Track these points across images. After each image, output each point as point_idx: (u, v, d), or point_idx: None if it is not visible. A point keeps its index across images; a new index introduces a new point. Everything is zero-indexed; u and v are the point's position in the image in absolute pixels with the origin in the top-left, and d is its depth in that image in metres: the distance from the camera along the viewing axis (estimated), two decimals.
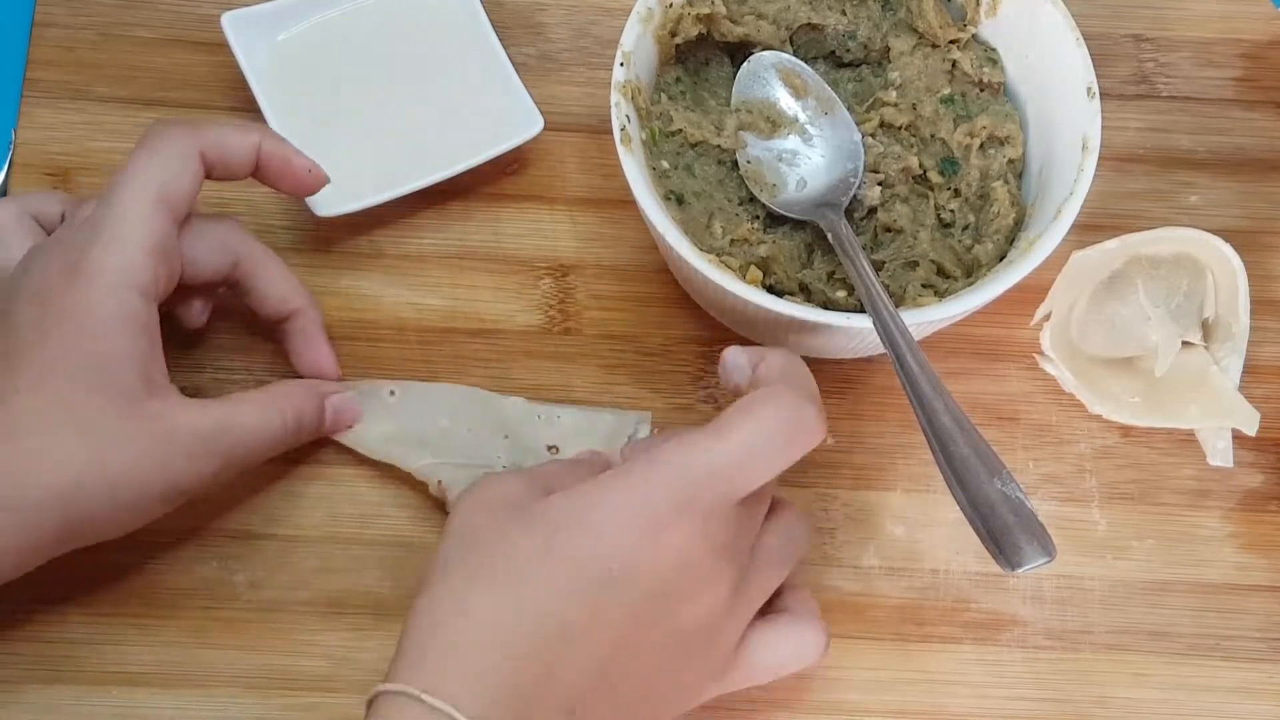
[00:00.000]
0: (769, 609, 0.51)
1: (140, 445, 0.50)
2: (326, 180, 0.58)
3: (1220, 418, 0.61)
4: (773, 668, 0.51)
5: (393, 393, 0.59)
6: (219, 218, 0.57)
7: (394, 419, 0.58)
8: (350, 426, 0.58)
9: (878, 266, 0.59)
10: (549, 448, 0.58)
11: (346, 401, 0.58)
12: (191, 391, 0.60)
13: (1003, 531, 0.46)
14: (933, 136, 0.61)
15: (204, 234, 0.55)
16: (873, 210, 0.60)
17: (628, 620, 0.45)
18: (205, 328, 0.60)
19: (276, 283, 0.57)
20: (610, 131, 0.56)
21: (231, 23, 0.63)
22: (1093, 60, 0.58)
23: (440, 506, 0.58)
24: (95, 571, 0.57)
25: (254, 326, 0.61)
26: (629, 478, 0.46)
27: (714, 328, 0.62)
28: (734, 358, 0.51)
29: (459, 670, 0.44)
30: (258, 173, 0.56)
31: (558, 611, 0.45)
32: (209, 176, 0.54)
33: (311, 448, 0.59)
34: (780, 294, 0.56)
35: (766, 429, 0.47)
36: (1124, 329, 0.61)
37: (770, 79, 0.62)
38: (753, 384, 0.50)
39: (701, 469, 0.46)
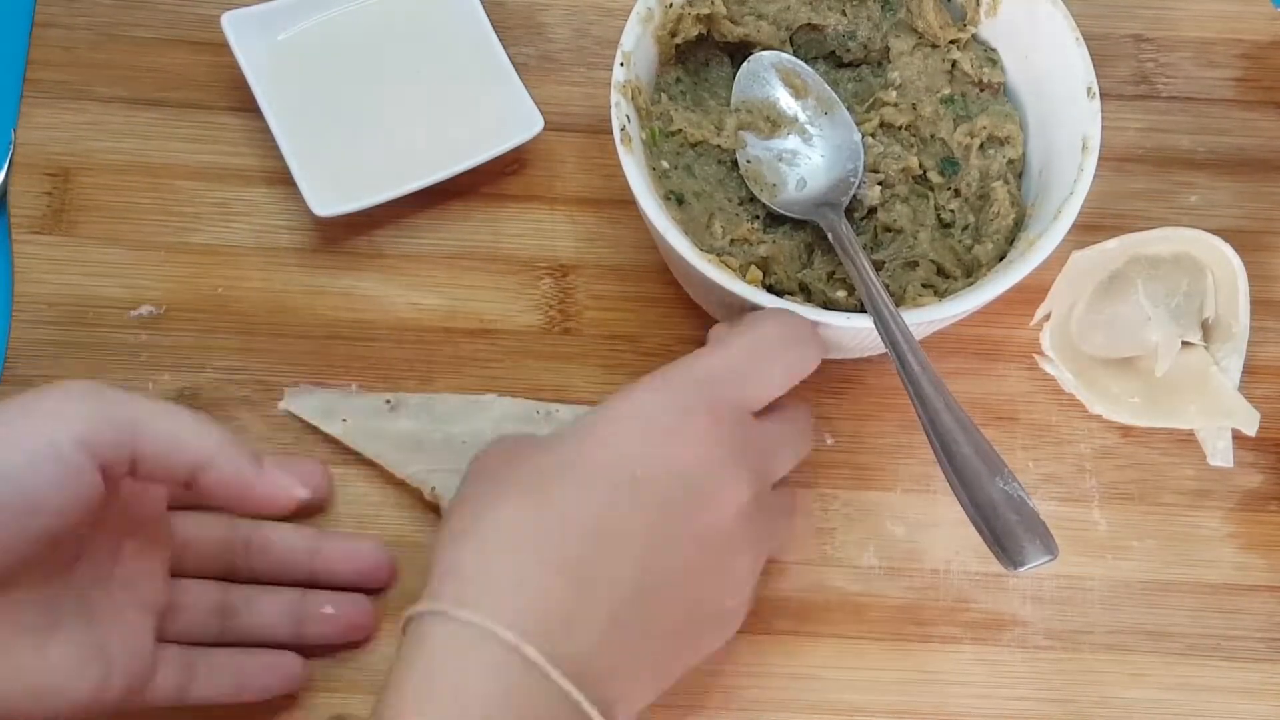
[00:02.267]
0: None
1: (32, 400, 0.43)
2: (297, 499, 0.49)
3: (1220, 418, 0.61)
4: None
5: (388, 401, 0.59)
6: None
7: (390, 426, 0.58)
8: (294, 498, 0.49)
9: (878, 266, 0.59)
10: None
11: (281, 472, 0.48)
12: (191, 391, 0.60)
13: (1005, 531, 0.46)
14: (933, 136, 0.61)
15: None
16: (873, 210, 0.60)
17: (655, 525, 0.46)
18: (205, 328, 0.61)
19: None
20: (610, 131, 0.56)
21: (231, 22, 0.63)
22: (1093, 60, 0.58)
23: (435, 510, 0.58)
24: None
25: (254, 327, 0.61)
26: (639, 389, 0.48)
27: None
28: (718, 327, 0.53)
29: (492, 584, 0.43)
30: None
31: (587, 518, 0.45)
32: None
33: (311, 447, 0.59)
34: (780, 294, 0.56)
35: (765, 335, 0.50)
36: (1124, 329, 0.61)
37: (770, 79, 0.62)
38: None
39: (705, 372, 0.49)
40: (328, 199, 0.61)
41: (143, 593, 0.49)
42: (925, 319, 0.54)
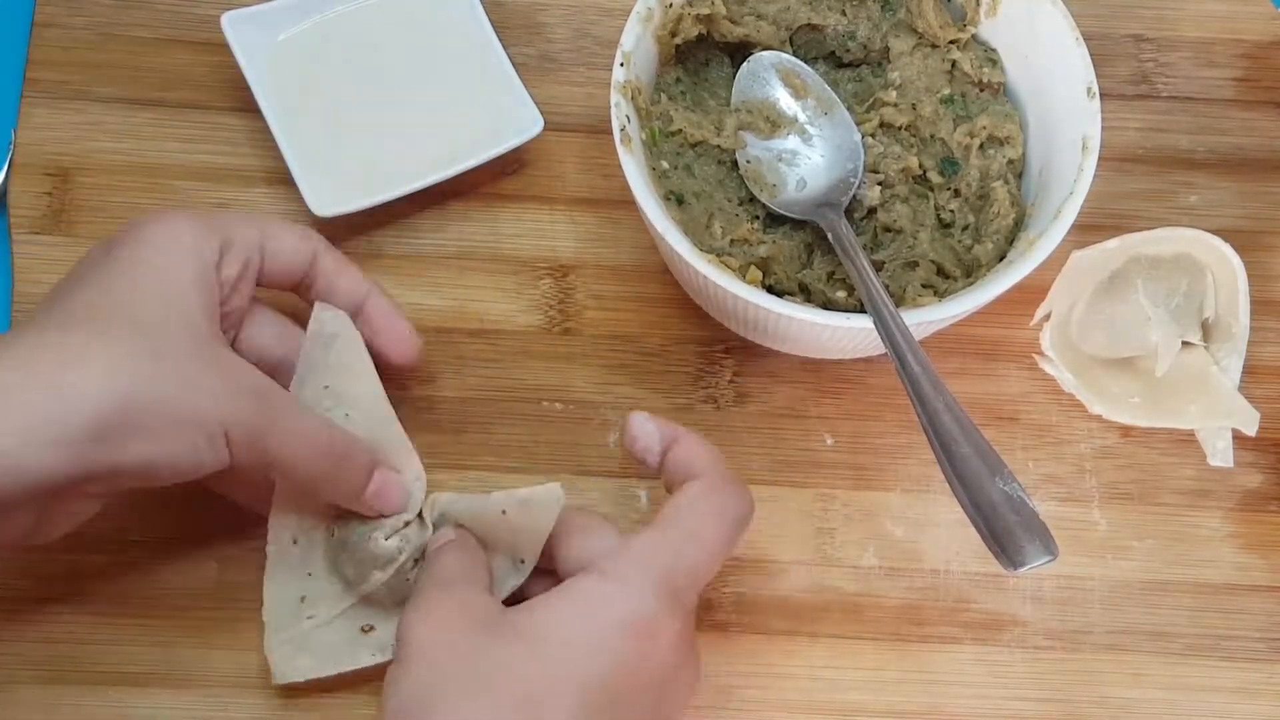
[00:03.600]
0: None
1: (197, 367, 0.47)
2: (416, 348, 0.57)
3: (1220, 418, 0.61)
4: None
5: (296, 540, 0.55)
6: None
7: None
8: (394, 510, 0.53)
9: (878, 266, 0.59)
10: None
11: (394, 481, 0.53)
12: None
13: (1005, 531, 0.46)
14: (933, 137, 0.61)
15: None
16: (873, 210, 0.60)
17: (632, 709, 0.47)
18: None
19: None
20: (610, 131, 0.56)
21: (231, 23, 0.63)
22: (1093, 60, 0.58)
23: None
24: (95, 571, 0.57)
25: None
26: (619, 584, 0.47)
27: (714, 328, 0.62)
28: (642, 430, 0.52)
29: None
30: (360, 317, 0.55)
31: None
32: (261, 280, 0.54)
33: None
34: (780, 294, 0.56)
35: (727, 530, 0.50)
36: (1124, 329, 0.61)
37: (770, 79, 0.62)
38: (669, 467, 0.52)
39: (684, 572, 0.48)
40: (327, 199, 0.61)
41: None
42: (925, 319, 0.54)
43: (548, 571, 0.52)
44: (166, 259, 0.49)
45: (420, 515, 0.53)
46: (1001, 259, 0.58)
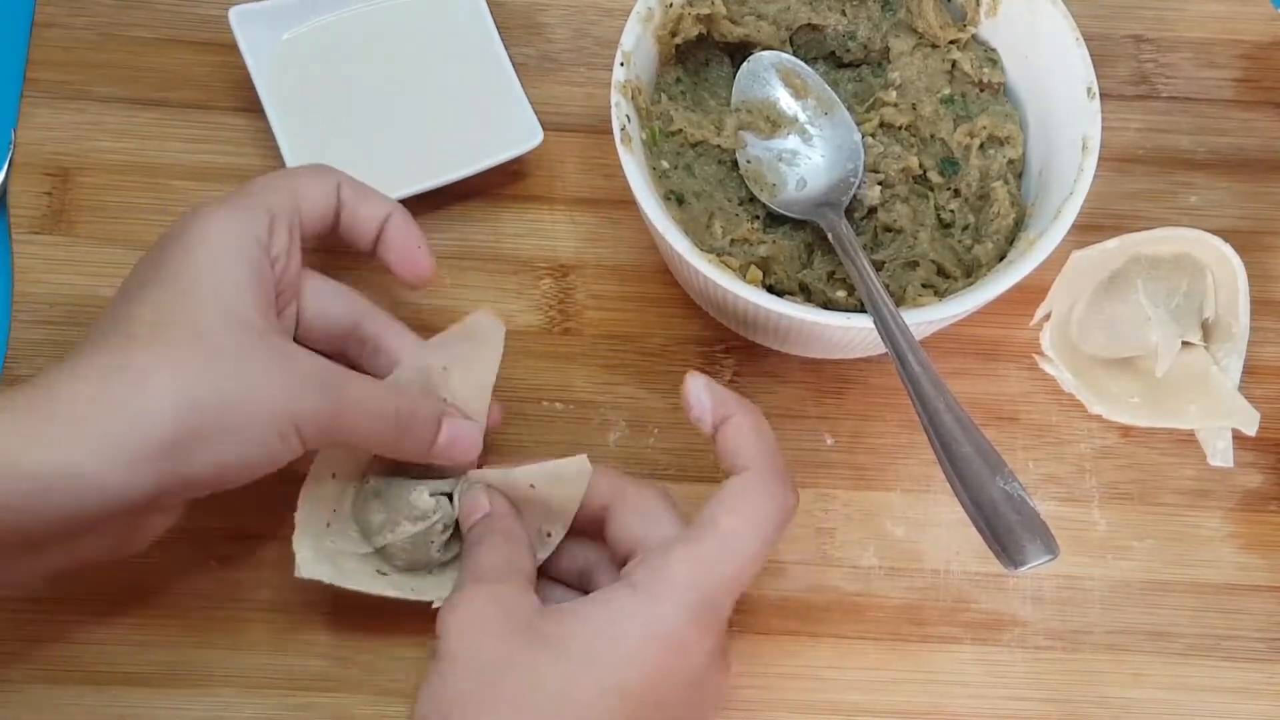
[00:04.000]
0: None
1: (259, 366, 0.47)
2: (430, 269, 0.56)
3: (1220, 418, 0.61)
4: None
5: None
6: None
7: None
8: (467, 460, 0.54)
9: (878, 266, 0.59)
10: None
11: (464, 430, 0.54)
12: None
13: (1005, 530, 0.46)
14: (933, 136, 0.61)
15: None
16: (873, 210, 0.60)
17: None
18: None
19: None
20: (610, 131, 0.56)
21: (238, 18, 0.63)
22: (1093, 60, 0.58)
23: None
24: (95, 571, 0.57)
25: None
26: (651, 602, 0.46)
27: (714, 328, 0.62)
28: (696, 399, 0.51)
29: None
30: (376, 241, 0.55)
31: None
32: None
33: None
34: (780, 294, 0.56)
35: (767, 533, 0.48)
36: (1124, 329, 0.61)
37: (770, 79, 0.62)
38: (718, 446, 0.50)
39: (718, 586, 0.47)
40: None
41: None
42: (925, 319, 0.54)
43: (593, 538, 0.53)
44: (216, 258, 0.49)
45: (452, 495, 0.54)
46: (1001, 259, 0.58)
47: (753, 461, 0.49)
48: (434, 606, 0.51)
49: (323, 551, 0.53)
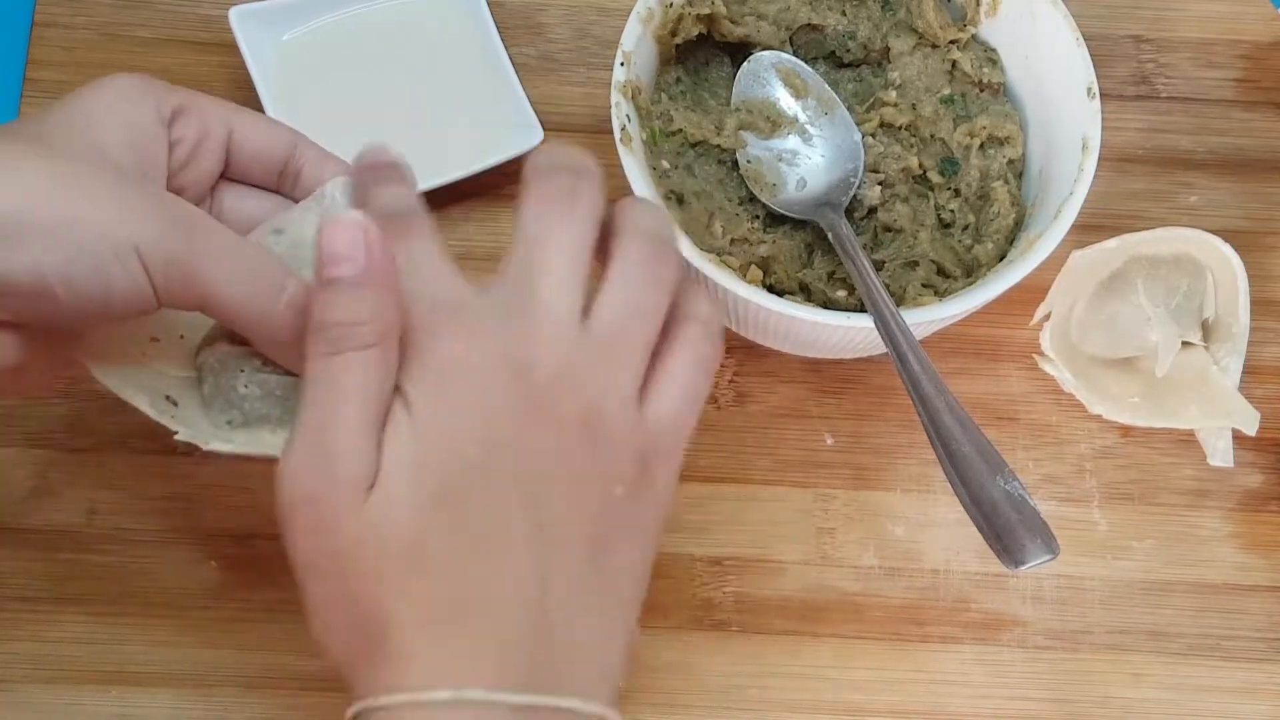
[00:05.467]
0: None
1: (110, 185, 0.41)
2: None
3: (1220, 418, 0.61)
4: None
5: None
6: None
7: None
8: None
9: (878, 266, 0.59)
10: None
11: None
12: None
13: (1006, 529, 0.46)
14: (933, 136, 0.61)
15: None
16: (873, 210, 0.60)
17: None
18: None
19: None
20: (610, 131, 0.56)
21: (239, 18, 0.63)
22: (1093, 60, 0.58)
23: None
24: (95, 571, 0.57)
25: None
26: (495, 330, 0.39)
27: None
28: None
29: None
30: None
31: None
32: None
33: None
34: (780, 294, 0.56)
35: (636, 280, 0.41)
36: (1124, 329, 0.61)
37: (770, 79, 0.62)
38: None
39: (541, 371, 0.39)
40: None
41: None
42: (925, 319, 0.54)
43: None
44: (100, 99, 0.44)
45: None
46: (1001, 259, 0.58)
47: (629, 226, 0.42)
48: (198, 446, 0.44)
49: (123, 352, 0.46)
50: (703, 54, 0.63)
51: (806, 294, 0.58)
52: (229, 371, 0.45)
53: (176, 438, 0.44)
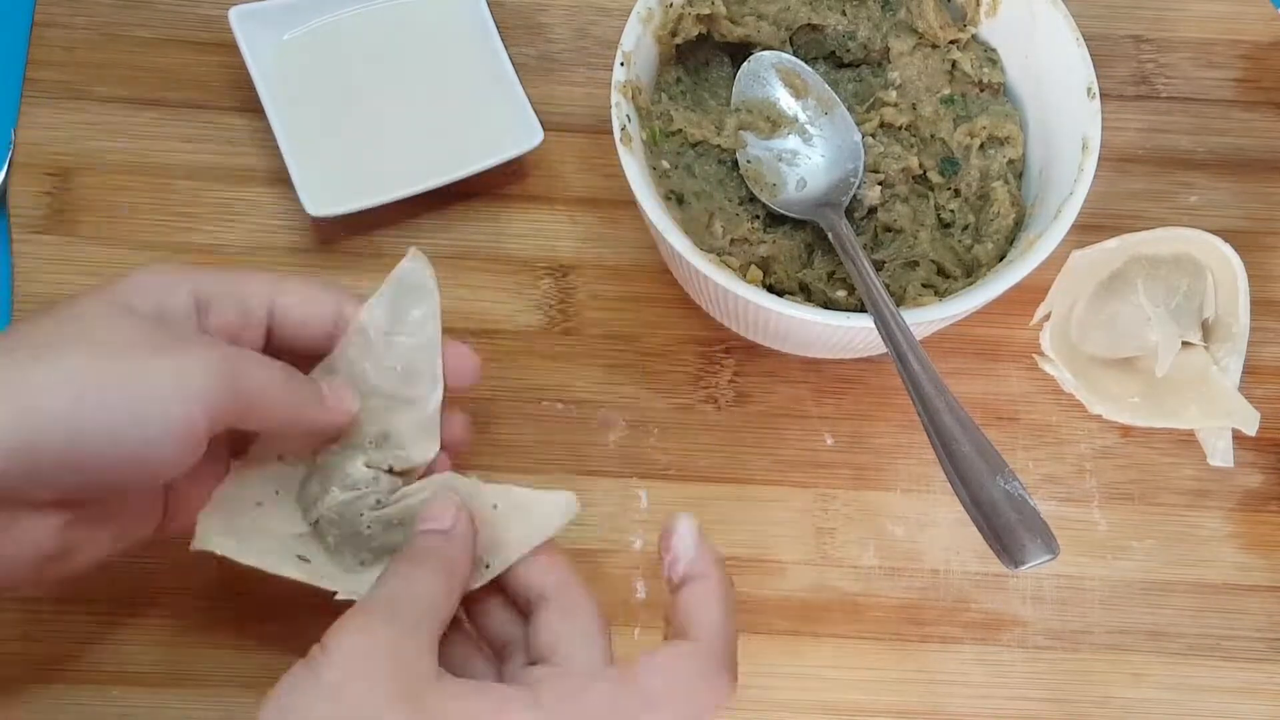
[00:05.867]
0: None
1: (158, 362, 0.44)
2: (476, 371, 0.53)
3: (1220, 418, 0.61)
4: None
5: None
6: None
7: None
8: (338, 415, 0.50)
9: (878, 266, 0.59)
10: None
11: (337, 387, 0.50)
12: None
13: (1006, 529, 0.46)
14: (933, 136, 0.61)
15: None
16: (873, 210, 0.60)
17: None
18: None
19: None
20: (610, 131, 0.56)
21: (239, 18, 0.63)
22: (1093, 60, 0.58)
23: None
24: (95, 571, 0.57)
25: None
26: None
27: (714, 328, 0.62)
28: (683, 543, 0.46)
29: None
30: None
31: None
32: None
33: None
34: (780, 294, 0.56)
35: (693, 711, 0.44)
36: (1124, 329, 0.61)
37: (770, 79, 0.62)
38: (678, 600, 0.46)
39: None
40: (323, 199, 0.61)
41: None
42: (925, 319, 0.54)
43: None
44: (131, 285, 0.47)
45: (400, 472, 0.51)
46: (1001, 259, 0.58)
47: (704, 636, 0.45)
48: (337, 597, 0.48)
49: (237, 527, 0.50)
50: (703, 54, 0.63)
51: (806, 294, 0.58)
52: (348, 520, 0.50)
53: (337, 597, 0.48)
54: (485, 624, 0.49)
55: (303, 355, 0.50)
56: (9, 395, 0.42)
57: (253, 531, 0.50)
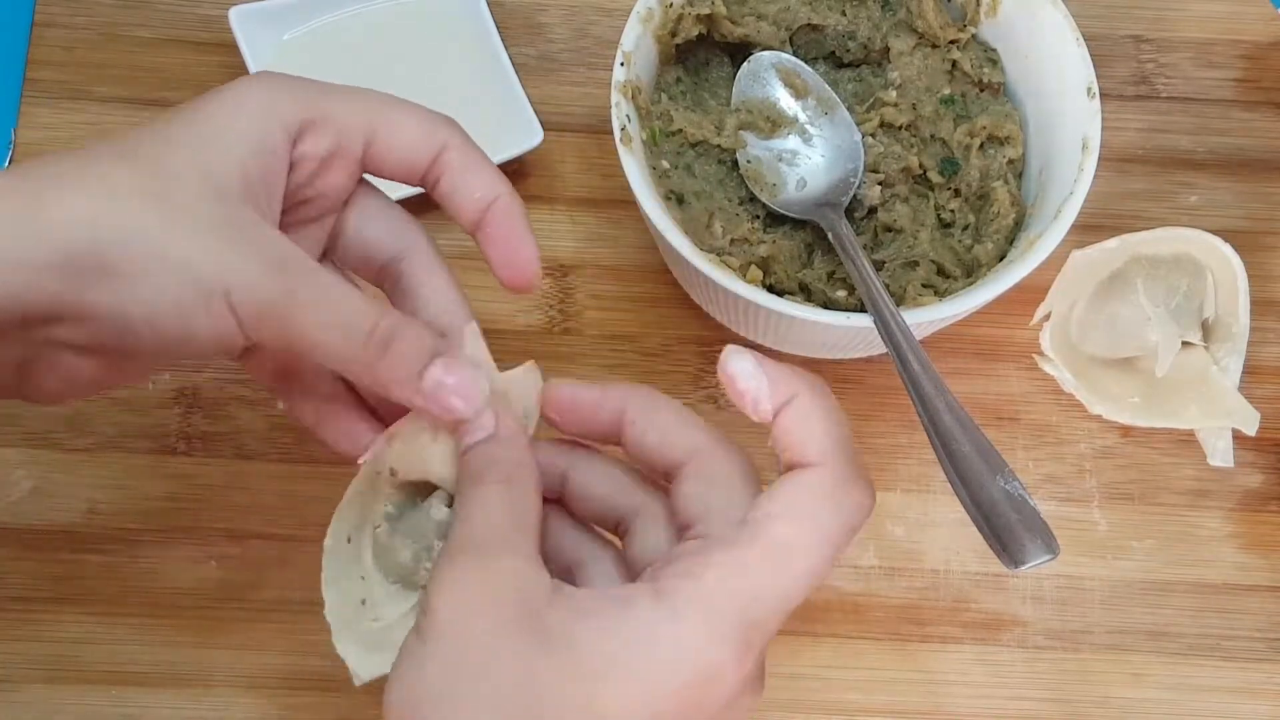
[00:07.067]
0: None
1: (202, 219, 0.39)
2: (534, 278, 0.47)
3: (1220, 418, 0.61)
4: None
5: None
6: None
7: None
8: (462, 413, 0.42)
9: (878, 266, 0.59)
10: None
11: (466, 376, 0.42)
12: (191, 391, 0.60)
13: (1006, 529, 0.46)
14: (933, 136, 0.61)
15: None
16: (873, 210, 0.60)
17: None
18: None
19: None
20: (610, 131, 0.56)
21: (239, 18, 0.63)
22: (1093, 60, 0.58)
23: None
24: (95, 571, 0.57)
25: None
26: (678, 618, 0.38)
27: (714, 328, 0.62)
28: (747, 379, 0.41)
29: None
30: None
31: None
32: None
33: (308, 447, 0.59)
34: (780, 294, 0.56)
35: (833, 545, 0.39)
36: (1124, 329, 0.61)
37: (770, 79, 0.62)
38: (779, 434, 0.41)
39: (763, 605, 0.38)
40: None
41: None
42: (925, 319, 0.54)
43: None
44: (222, 113, 0.42)
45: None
46: (1001, 259, 0.58)
47: (817, 456, 0.40)
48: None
49: (368, 639, 0.45)
50: (703, 54, 0.63)
51: (806, 294, 0.58)
52: (408, 568, 0.45)
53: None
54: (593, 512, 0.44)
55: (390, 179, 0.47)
56: (77, 216, 0.38)
57: (382, 632, 0.45)
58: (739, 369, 0.41)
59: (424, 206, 0.64)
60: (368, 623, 0.45)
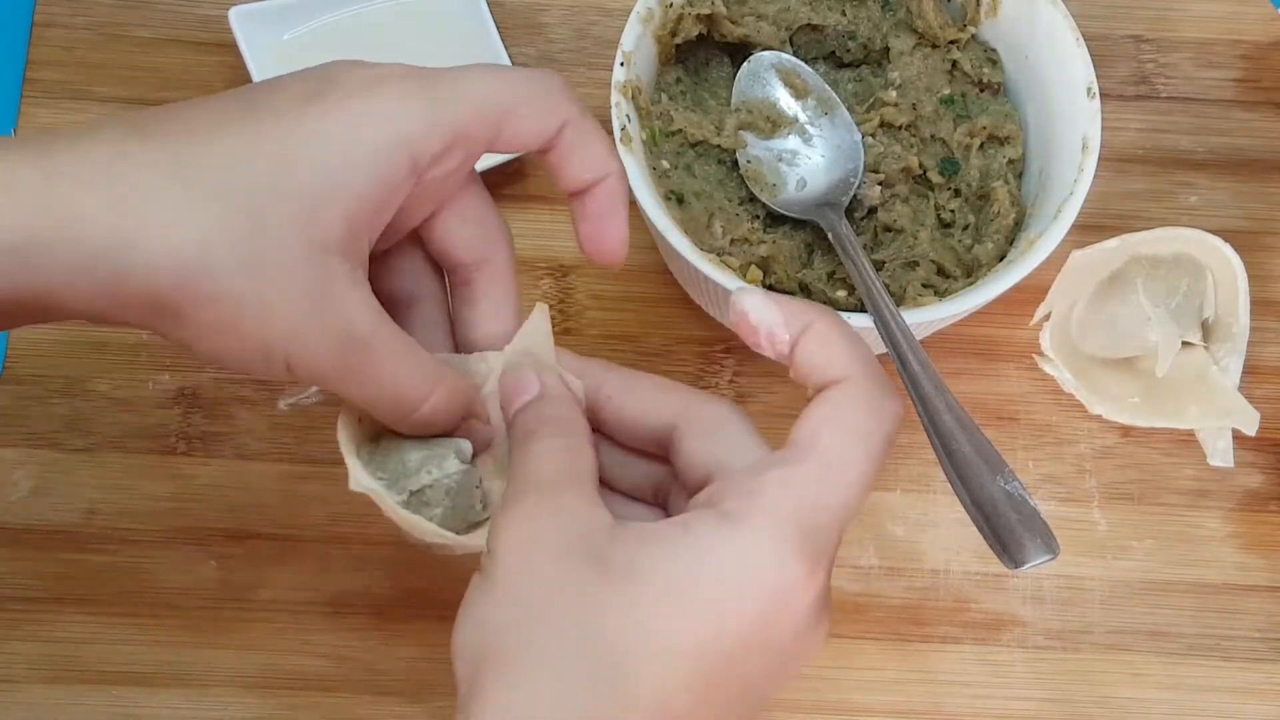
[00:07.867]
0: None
1: (295, 280, 0.38)
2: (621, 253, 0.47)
3: (1220, 418, 0.61)
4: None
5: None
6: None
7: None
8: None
9: (878, 266, 0.59)
10: None
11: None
12: (191, 391, 0.60)
13: (1006, 529, 0.46)
14: (933, 136, 0.61)
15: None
16: (873, 210, 0.60)
17: (741, 688, 0.38)
18: None
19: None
20: (610, 131, 0.56)
21: (238, 19, 0.63)
22: (1093, 60, 0.58)
23: None
24: (95, 571, 0.57)
25: None
26: (745, 531, 0.37)
27: (714, 328, 0.62)
28: (759, 314, 0.41)
29: None
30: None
31: (663, 703, 0.37)
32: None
33: (308, 447, 0.59)
34: (780, 294, 0.56)
35: (876, 450, 0.40)
36: (1124, 329, 0.61)
37: (770, 79, 0.62)
38: (800, 363, 0.41)
39: (825, 515, 0.39)
40: None
41: None
42: (925, 319, 0.54)
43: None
44: (338, 132, 0.39)
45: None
46: (1001, 259, 0.58)
47: (851, 369, 0.40)
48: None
49: (371, 464, 0.45)
50: (703, 54, 0.63)
51: (806, 294, 0.58)
52: (464, 490, 0.44)
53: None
54: (638, 484, 0.45)
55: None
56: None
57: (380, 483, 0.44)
58: (750, 304, 0.42)
59: None
60: (372, 465, 0.44)
